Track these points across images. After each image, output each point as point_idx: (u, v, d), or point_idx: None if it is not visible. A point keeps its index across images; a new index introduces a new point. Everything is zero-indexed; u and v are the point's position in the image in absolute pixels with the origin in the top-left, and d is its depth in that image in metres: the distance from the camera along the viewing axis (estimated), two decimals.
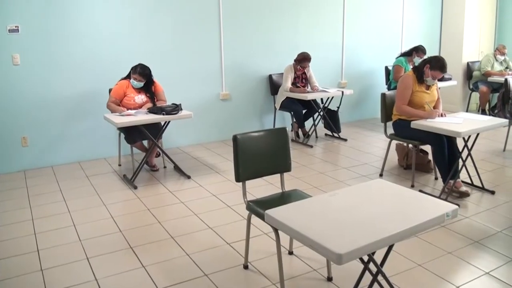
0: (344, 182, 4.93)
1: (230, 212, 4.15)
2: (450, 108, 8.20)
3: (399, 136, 4.87)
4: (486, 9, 8.94)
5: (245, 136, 3.01)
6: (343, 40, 7.70)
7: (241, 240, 3.53)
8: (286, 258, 3.29)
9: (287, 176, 4.79)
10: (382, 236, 1.92)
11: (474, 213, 4.10)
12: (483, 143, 6.37)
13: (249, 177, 3.04)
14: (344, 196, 2.39)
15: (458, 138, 4.24)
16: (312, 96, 6.30)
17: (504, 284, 2.97)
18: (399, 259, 3.27)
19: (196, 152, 6.12)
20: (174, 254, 3.37)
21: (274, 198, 3.13)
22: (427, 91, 4.67)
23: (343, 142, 6.68)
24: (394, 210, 2.20)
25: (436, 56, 4.65)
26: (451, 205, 2.23)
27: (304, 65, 6.45)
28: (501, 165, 5.52)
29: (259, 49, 6.83)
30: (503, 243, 3.54)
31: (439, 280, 3.01)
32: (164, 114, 4.78)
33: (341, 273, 3.06)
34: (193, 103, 6.22)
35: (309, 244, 1.91)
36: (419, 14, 8.65)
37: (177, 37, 6.10)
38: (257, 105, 7.00)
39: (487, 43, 9.13)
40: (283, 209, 2.22)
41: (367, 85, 8.19)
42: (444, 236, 3.65)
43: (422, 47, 6.92)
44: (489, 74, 8.05)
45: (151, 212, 4.16)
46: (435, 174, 5.08)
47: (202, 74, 6.39)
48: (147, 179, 5.09)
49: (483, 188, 4.66)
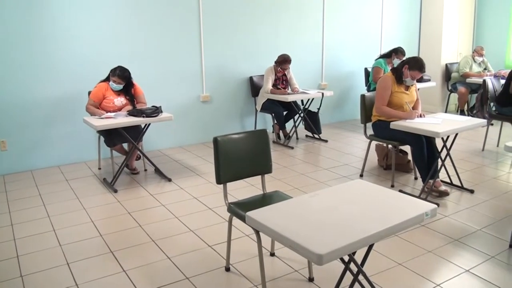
0: (325, 183, 4.96)
1: (211, 214, 4.13)
2: (429, 109, 8.29)
3: (378, 137, 4.91)
4: (465, 11, 9.07)
5: (225, 138, 3.00)
6: (323, 42, 7.74)
7: (222, 242, 3.52)
8: (268, 260, 3.29)
9: (268, 178, 4.82)
10: (362, 236, 1.93)
11: (454, 212, 4.15)
12: (462, 143, 6.46)
13: (230, 179, 3.04)
14: (325, 197, 2.39)
15: (437, 138, 4.28)
16: (292, 97, 6.32)
17: (484, 281, 3.01)
18: (379, 259, 3.29)
19: (176, 155, 6.09)
20: (155, 258, 3.34)
21: (255, 200, 3.13)
22: (406, 92, 4.71)
23: (323, 143, 6.71)
24: (373, 210, 2.21)
25: (414, 56, 4.70)
26: (430, 205, 2.26)
27: (284, 67, 6.47)
28: (480, 164, 5.60)
29: (240, 51, 6.83)
30: (483, 241, 3.58)
31: (420, 279, 3.04)
32: (144, 117, 4.74)
33: (322, 273, 3.07)
34: (173, 106, 6.21)
35: (290, 245, 1.91)
36: (398, 16, 8.75)
37: (156, 39, 6.07)
38: (238, 107, 7.00)
39: (465, 45, 9.26)
40: (264, 211, 2.22)
41: (347, 87, 8.25)
42: (424, 235, 3.68)
43: (401, 49, 7.00)
44: (467, 75, 8.16)
45: (131, 216, 4.12)
46: (414, 174, 5.13)
47: (182, 76, 6.37)
48: (127, 183, 5.05)
49: (462, 187, 4.72)
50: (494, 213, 4.12)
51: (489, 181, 5.01)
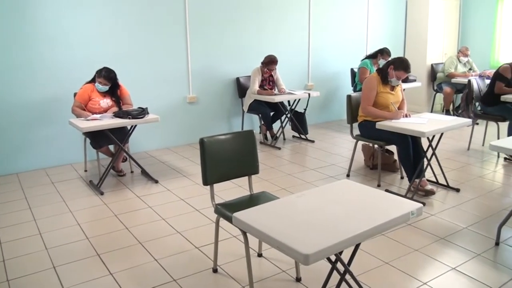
0: (311, 183, 4.97)
1: (199, 215, 4.12)
2: (415, 109, 8.35)
3: (365, 137, 4.93)
4: (450, 12, 9.15)
5: (212, 139, 3.00)
6: (309, 43, 7.76)
7: (210, 244, 3.51)
8: (255, 260, 3.29)
9: (255, 179, 4.83)
10: (348, 236, 1.93)
11: (440, 211, 4.18)
12: (448, 143, 6.52)
13: (217, 180, 3.03)
14: (311, 197, 2.40)
15: (423, 138, 4.31)
16: (279, 98, 6.33)
17: (470, 278, 3.04)
18: (366, 258, 3.31)
19: (163, 156, 6.07)
20: (142, 260, 3.32)
21: (242, 201, 3.13)
22: (392, 92, 4.74)
23: (310, 143, 6.73)
24: (360, 210, 2.22)
25: (399, 57, 4.73)
26: (416, 204, 2.27)
27: (271, 67, 6.48)
28: (466, 163, 5.65)
29: (226, 52, 6.82)
30: (469, 239, 3.62)
31: (407, 277, 3.06)
32: (130, 118, 4.72)
33: (310, 273, 3.07)
34: (159, 107, 6.18)
35: (277, 246, 1.91)
36: (384, 17, 8.80)
37: (143, 40, 6.04)
38: (224, 108, 6.99)
39: (450, 45, 9.34)
40: (250, 212, 2.22)
41: (333, 87, 8.28)
42: (410, 234, 3.71)
43: (387, 49, 7.05)
44: (452, 75, 8.24)
45: (118, 218, 4.10)
46: (401, 173, 5.16)
47: (169, 77, 6.35)
48: (114, 185, 5.02)
49: (448, 186, 4.76)
50: (480, 211, 4.16)
51: (475, 179, 5.06)
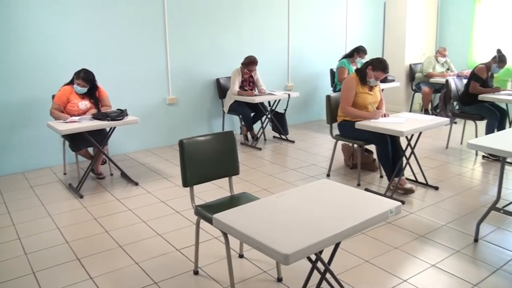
0: (292, 183, 4.98)
1: (179, 217, 4.10)
2: (394, 109, 8.43)
3: (344, 137, 4.96)
4: (428, 13, 9.26)
5: (191, 141, 2.99)
6: (289, 44, 7.79)
7: (190, 246, 3.50)
8: (237, 261, 3.29)
9: (236, 179, 4.84)
10: (328, 235, 1.94)
11: (419, 209, 4.23)
12: (426, 142, 6.59)
13: (196, 181, 3.02)
14: (291, 197, 2.40)
15: (401, 137, 4.35)
16: (259, 99, 6.33)
17: (450, 275, 3.08)
18: (347, 257, 3.33)
19: (143, 158, 6.03)
20: (122, 264, 3.30)
21: (223, 202, 3.12)
22: (370, 92, 4.78)
23: (291, 144, 6.75)
24: (339, 209, 2.23)
25: (377, 57, 4.76)
26: (394, 202, 2.29)
27: (251, 68, 6.49)
28: (444, 162, 5.72)
29: (206, 53, 6.81)
30: (448, 236, 3.66)
31: (387, 275, 3.08)
32: (109, 120, 4.69)
33: (291, 273, 3.08)
34: (139, 108, 6.14)
35: (257, 246, 1.91)
36: (363, 18, 8.88)
37: (121, 41, 6.00)
38: (205, 109, 6.98)
39: (429, 46, 9.45)
40: (231, 213, 2.21)
41: (313, 88, 8.32)
42: (390, 232, 3.74)
43: (362, 48, 7.14)
44: (431, 75, 8.34)
45: (98, 221, 4.06)
46: (380, 172, 5.21)
47: (148, 78, 6.31)
48: (93, 188, 4.97)
49: (427, 184, 4.82)
50: (459, 209, 4.22)
51: (453, 177, 5.12)
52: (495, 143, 3.44)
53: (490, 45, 8.63)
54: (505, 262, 3.25)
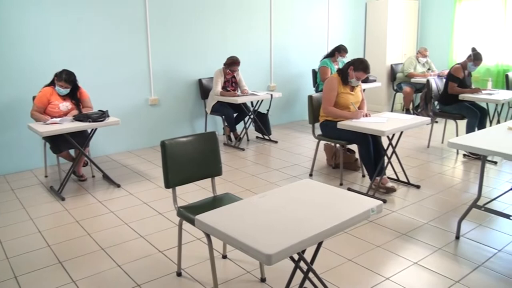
0: (275, 183, 4.99)
1: (162, 219, 4.08)
2: (375, 108, 8.50)
3: (326, 137, 4.98)
4: (409, 13, 9.36)
5: (173, 142, 2.98)
6: (271, 44, 7.80)
7: (173, 247, 3.49)
8: (220, 262, 3.28)
9: (219, 180, 4.83)
10: (310, 234, 1.94)
11: (401, 207, 4.27)
12: (408, 141, 6.65)
13: (179, 183, 3.01)
14: (274, 197, 2.40)
15: (383, 136, 4.38)
16: (242, 99, 6.33)
17: (432, 272, 3.11)
18: (330, 256, 3.34)
19: (125, 160, 5.99)
20: (105, 266, 3.27)
21: (206, 203, 3.12)
22: (352, 93, 4.81)
23: (273, 144, 6.76)
24: (321, 208, 2.24)
25: (359, 58, 4.79)
26: (376, 201, 2.30)
27: (233, 69, 6.48)
28: (426, 160, 5.77)
29: (188, 54, 6.79)
30: (429, 234, 3.70)
31: (369, 273, 3.10)
32: (90, 122, 4.65)
33: (274, 273, 3.08)
34: (120, 109, 6.10)
35: (239, 247, 1.91)
36: (344, 18, 8.93)
37: (102, 42, 5.95)
38: (187, 110, 6.96)
39: (410, 46, 9.54)
40: (213, 214, 2.20)
41: (295, 88, 8.35)
42: (373, 230, 3.76)
43: (343, 47, 7.20)
44: (412, 75, 8.42)
45: (80, 224, 4.02)
46: (362, 171, 5.24)
47: (130, 79, 6.27)
48: (75, 190, 4.93)
49: (409, 183, 4.86)
50: (440, 207, 4.26)
51: (435, 176, 5.18)
52: (476, 141, 3.48)
53: (470, 45, 8.69)
54: (487, 258, 3.29)
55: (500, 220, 3.91)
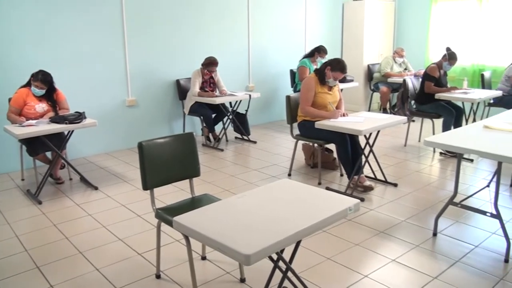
0: (254, 183, 5.00)
1: (140, 221, 4.06)
2: (353, 108, 8.56)
3: (304, 136, 5.00)
4: (385, 14, 9.45)
5: (151, 143, 2.96)
6: (249, 45, 7.80)
7: (152, 250, 3.47)
8: (199, 264, 3.27)
9: (198, 181, 4.82)
10: (288, 234, 1.95)
11: (379, 205, 4.31)
12: (385, 140, 6.72)
13: (157, 184, 2.99)
14: (252, 198, 2.41)
15: (360, 136, 4.42)
16: (220, 100, 6.32)
17: (409, 268, 3.16)
18: (309, 255, 3.36)
19: (103, 162, 5.94)
20: (83, 270, 3.23)
21: (184, 204, 3.11)
22: (329, 92, 4.84)
23: (252, 144, 6.77)
24: (300, 208, 2.25)
25: (336, 58, 4.83)
26: (353, 200, 2.32)
27: (211, 69, 6.47)
28: (403, 159, 5.84)
29: (166, 54, 6.75)
30: (407, 231, 3.75)
31: (348, 271, 3.13)
32: (67, 123, 4.59)
33: (254, 273, 3.09)
34: (97, 111, 6.05)
35: (218, 248, 1.91)
36: (321, 18, 8.97)
37: (78, 42, 5.87)
38: (165, 111, 6.92)
39: (386, 46, 9.64)
40: (191, 215, 2.20)
41: (273, 88, 8.36)
42: (351, 229, 3.79)
43: (323, 47, 7.24)
44: (388, 75, 8.51)
45: (57, 228, 3.97)
46: (340, 171, 5.28)
47: (106, 80, 6.21)
48: (52, 193, 4.86)
49: (386, 181, 4.91)
50: (417, 204, 4.32)
51: (412, 174, 5.24)
52: (452, 140, 3.53)
53: (446, 45, 8.79)
54: (464, 254, 3.35)
55: (477, 217, 3.98)
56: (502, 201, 4.37)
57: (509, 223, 3.87)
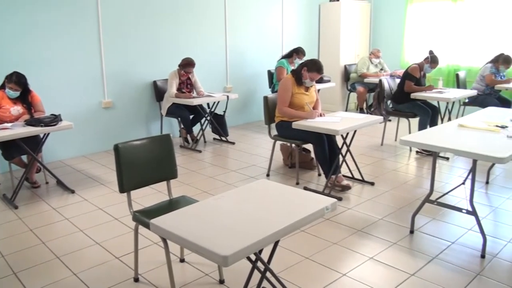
0: (232, 184, 4.99)
1: (118, 224, 4.03)
2: (330, 108, 8.60)
3: (282, 137, 5.02)
4: (362, 16, 9.55)
5: (127, 145, 2.94)
6: (227, 45, 7.80)
7: (130, 253, 3.44)
8: (178, 266, 3.26)
9: (176, 183, 4.81)
10: (266, 234, 1.96)
11: (356, 204, 4.35)
12: (362, 139, 6.77)
13: (134, 187, 2.98)
14: (230, 199, 2.41)
15: (337, 135, 4.46)
16: (198, 101, 6.30)
17: (387, 266, 3.20)
18: (287, 255, 3.37)
19: (79, 165, 5.87)
20: (61, 275, 3.19)
21: (161, 206, 3.09)
22: (306, 93, 4.86)
23: (231, 145, 6.77)
24: (277, 208, 2.26)
25: (312, 59, 4.86)
26: (330, 199, 2.34)
27: (188, 70, 6.45)
28: (380, 158, 5.90)
29: (142, 55, 6.71)
30: (384, 229, 3.79)
31: (326, 270, 3.15)
32: (42, 126, 4.53)
33: (233, 274, 3.09)
34: (73, 113, 5.97)
35: (195, 250, 1.90)
36: (298, 19, 9.02)
37: (53, 44, 5.79)
38: (142, 112, 6.87)
39: (363, 47, 9.73)
40: (168, 217, 2.19)
41: (251, 89, 8.37)
42: (329, 228, 3.82)
43: (301, 49, 7.28)
44: (365, 75, 8.59)
45: (34, 233, 3.91)
46: (318, 170, 5.31)
47: (82, 82, 6.14)
48: (28, 197, 4.79)
49: (363, 180, 4.96)
50: (394, 203, 4.37)
51: (389, 173, 5.29)
52: (427, 138, 3.58)
53: (420, 45, 8.98)
54: (440, 251, 3.40)
55: (453, 214, 4.04)
56: (478, 198, 4.44)
57: (484, 219, 3.95)
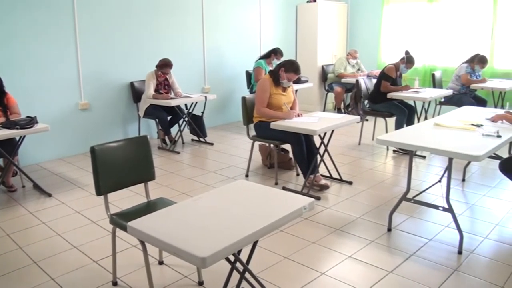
0: (211, 185, 4.98)
1: (96, 228, 3.99)
2: (308, 108, 8.65)
3: (261, 137, 5.04)
4: (339, 17, 9.63)
5: (103, 147, 2.93)
6: (204, 46, 7.78)
7: (108, 256, 3.41)
8: (157, 269, 3.25)
9: (154, 185, 4.78)
10: (244, 235, 1.96)
11: (334, 203, 4.38)
12: (340, 139, 6.82)
13: (111, 189, 2.96)
14: (208, 200, 2.41)
15: (315, 135, 4.48)
16: (175, 102, 6.27)
17: (366, 264, 3.23)
18: (267, 255, 3.38)
19: (56, 168, 5.80)
20: (38, 281, 3.15)
21: (139, 209, 3.07)
22: (284, 93, 4.88)
23: (209, 146, 6.76)
24: (255, 208, 2.27)
25: (289, 59, 4.88)
26: (308, 199, 2.35)
27: (165, 71, 6.42)
28: (357, 157, 5.95)
29: (119, 56, 6.65)
30: (362, 228, 3.83)
31: (305, 269, 3.17)
32: (18, 129, 4.47)
33: (212, 276, 3.09)
34: (50, 115, 5.90)
35: (173, 252, 1.90)
36: (275, 20, 9.04)
37: (29, 45, 5.70)
38: (119, 114, 6.82)
39: (340, 48, 9.81)
40: (146, 219, 2.18)
41: (229, 90, 8.37)
42: (308, 227, 3.84)
43: (279, 49, 7.32)
44: (342, 76, 8.67)
45: (10, 238, 3.85)
46: (296, 170, 5.34)
47: (58, 83, 6.06)
48: (4, 201, 4.71)
49: (341, 179, 5.00)
50: (372, 201, 4.41)
51: (366, 172, 5.34)
52: (404, 138, 3.64)
53: (396, 46, 9.09)
54: (418, 248, 3.45)
55: (430, 211, 4.10)
56: (454, 195, 4.51)
57: (461, 216, 4.02)
